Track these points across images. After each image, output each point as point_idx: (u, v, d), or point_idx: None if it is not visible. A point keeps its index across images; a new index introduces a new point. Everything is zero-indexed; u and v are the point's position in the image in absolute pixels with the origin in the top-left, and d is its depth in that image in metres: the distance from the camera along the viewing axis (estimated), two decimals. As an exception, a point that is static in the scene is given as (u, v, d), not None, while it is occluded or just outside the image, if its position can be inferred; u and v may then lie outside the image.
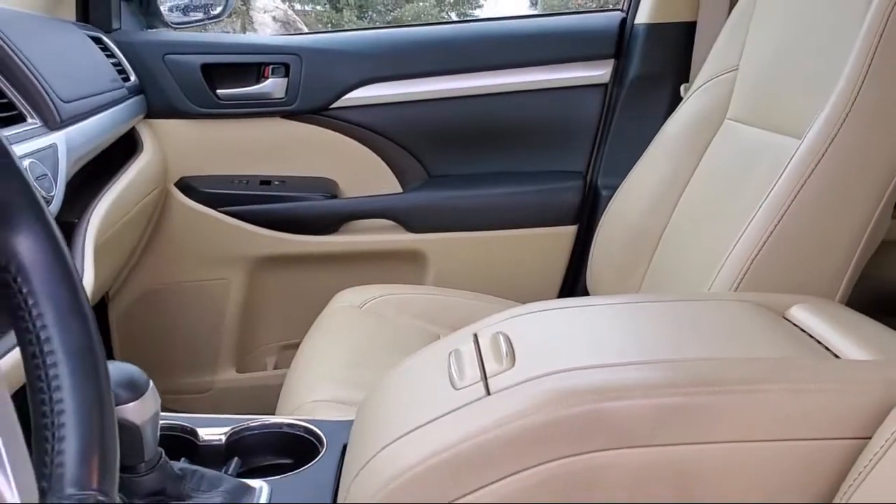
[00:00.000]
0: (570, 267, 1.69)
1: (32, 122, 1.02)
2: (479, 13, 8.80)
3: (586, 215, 1.67)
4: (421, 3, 8.47)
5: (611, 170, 1.64)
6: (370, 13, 8.56)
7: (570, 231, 1.67)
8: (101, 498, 0.41)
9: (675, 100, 1.51)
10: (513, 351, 0.76)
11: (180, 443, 0.87)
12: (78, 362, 0.44)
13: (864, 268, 1.10)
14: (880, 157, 0.99)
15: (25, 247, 0.45)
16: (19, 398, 0.43)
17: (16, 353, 0.75)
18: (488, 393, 0.71)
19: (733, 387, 0.68)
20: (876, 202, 1.00)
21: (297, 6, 8.24)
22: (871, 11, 0.97)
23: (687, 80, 1.58)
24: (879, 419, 0.64)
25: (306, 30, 8.28)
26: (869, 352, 0.75)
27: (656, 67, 1.62)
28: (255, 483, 0.78)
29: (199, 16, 1.86)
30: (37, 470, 0.41)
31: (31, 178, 0.49)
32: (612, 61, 1.65)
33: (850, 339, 0.78)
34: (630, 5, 1.65)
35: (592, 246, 1.51)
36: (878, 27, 0.97)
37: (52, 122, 1.05)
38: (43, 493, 0.40)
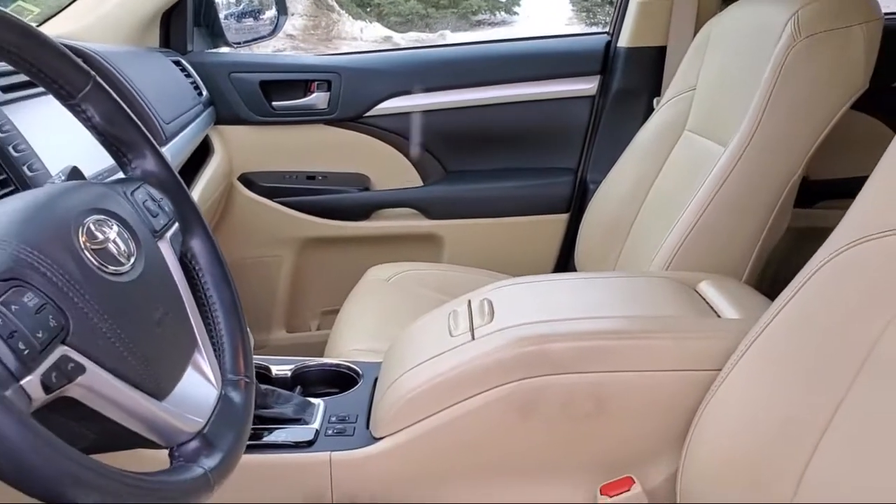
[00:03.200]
0: (562, 248, 1.93)
1: (146, 142, 1.33)
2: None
3: (576, 205, 1.90)
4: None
5: (597, 167, 1.86)
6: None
7: (562, 218, 1.91)
8: (246, 380, 0.74)
9: (649, 111, 1.73)
10: (493, 311, 1.05)
11: (258, 375, 1.18)
12: (227, 309, 0.77)
13: (783, 254, 1.37)
14: (777, 166, 1.26)
15: (197, 243, 0.78)
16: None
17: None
18: (473, 338, 1.00)
19: (636, 334, 0.97)
20: (774, 200, 1.26)
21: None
22: (773, 56, 1.24)
23: (659, 95, 1.79)
24: (730, 355, 0.94)
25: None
26: (742, 313, 1.03)
27: (634, 83, 1.85)
28: (314, 400, 1.08)
29: (251, 22, 2.15)
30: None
31: (194, 197, 0.82)
32: (598, 77, 1.87)
33: (733, 304, 1.06)
34: (614, 30, 1.88)
35: (579, 231, 1.74)
36: (777, 69, 1.23)
37: (160, 141, 1.33)
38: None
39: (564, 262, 1.94)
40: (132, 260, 0.63)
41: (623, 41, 1.86)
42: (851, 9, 1.22)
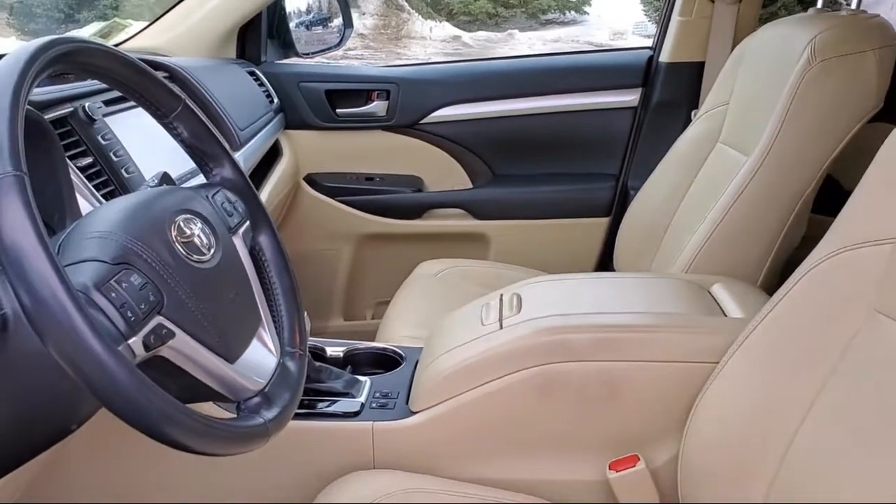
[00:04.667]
0: (602, 249, 2.02)
1: (223, 148, 1.50)
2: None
3: (617, 209, 1.99)
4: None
5: (637, 174, 1.94)
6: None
7: (603, 221, 2.01)
8: (301, 352, 0.89)
9: (688, 122, 1.79)
10: (521, 304, 1.18)
11: (313, 355, 1.31)
12: (287, 294, 0.92)
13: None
14: (792, 179, 1.34)
15: (264, 239, 0.93)
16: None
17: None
18: (501, 327, 1.13)
19: (646, 328, 1.08)
20: (790, 211, 1.35)
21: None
22: (791, 77, 1.33)
23: (697, 108, 1.88)
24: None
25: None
26: (746, 313, 1.13)
27: (674, 96, 1.94)
28: (362, 378, 1.21)
29: (319, 30, 2.30)
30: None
31: (263, 197, 0.97)
32: (640, 89, 1.97)
33: (739, 305, 1.16)
34: (657, 45, 1.98)
35: (618, 234, 1.82)
36: (793, 89, 1.32)
37: (235, 146, 1.50)
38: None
39: (604, 262, 2.02)
40: (212, 251, 0.78)
41: (664, 56, 1.96)
42: (865, 36, 1.31)
